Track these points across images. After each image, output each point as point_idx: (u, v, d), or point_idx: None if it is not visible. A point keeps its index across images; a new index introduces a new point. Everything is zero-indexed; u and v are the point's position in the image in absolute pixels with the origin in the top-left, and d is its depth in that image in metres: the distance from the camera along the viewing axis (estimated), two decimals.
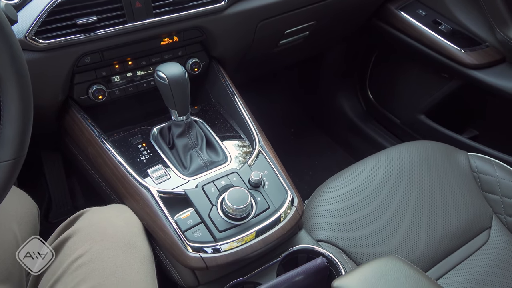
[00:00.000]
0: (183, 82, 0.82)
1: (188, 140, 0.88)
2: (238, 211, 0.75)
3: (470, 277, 0.90)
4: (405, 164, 1.05)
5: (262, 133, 0.93)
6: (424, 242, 0.93)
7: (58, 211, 1.35)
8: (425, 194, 1.00)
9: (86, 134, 0.87)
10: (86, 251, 0.68)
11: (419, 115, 1.45)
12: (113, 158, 0.83)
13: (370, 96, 1.67)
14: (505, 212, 1.02)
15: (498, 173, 1.06)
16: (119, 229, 0.73)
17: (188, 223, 0.75)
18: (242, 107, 0.97)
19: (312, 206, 0.97)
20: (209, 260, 0.73)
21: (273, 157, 0.89)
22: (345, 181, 1.00)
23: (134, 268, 0.69)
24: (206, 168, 0.85)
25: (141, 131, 0.94)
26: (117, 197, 0.86)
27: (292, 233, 0.86)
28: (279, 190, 0.83)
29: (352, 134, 1.72)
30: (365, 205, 0.95)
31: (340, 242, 0.90)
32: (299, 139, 1.82)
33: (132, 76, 0.94)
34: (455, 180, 1.05)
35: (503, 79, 1.22)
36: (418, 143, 1.14)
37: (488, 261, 0.94)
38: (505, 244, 0.98)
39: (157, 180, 0.82)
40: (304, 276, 0.75)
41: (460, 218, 0.99)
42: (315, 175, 1.66)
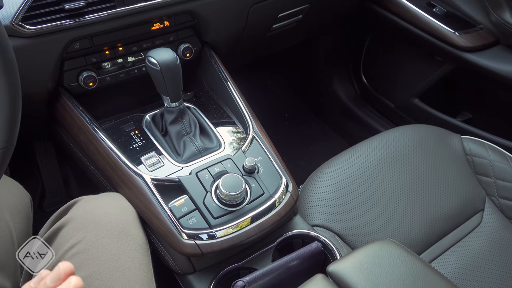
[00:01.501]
0: (175, 67, 0.81)
1: (181, 127, 0.87)
2: (233, 197, 0.75)
3: (464, 258, 0.91)
4: (399, 148, 1.05)
5: (256, 119, 0.92)
6: (418, 225, 0.93)
7: (52, 200, 1.34)
8: (419, 177, 1.00)
9: (77, 122, 0.86)
10: (80, 240, 0.68)
11: (413, 99, 1.45)
12: (105, 145, 0.82)
13: (364, 80, 1.66)
14: (498, 194, 1.03)
15: (492, 155, 1.06)
16: (113, 217, 0.72)
17: (183, 210, 0.75)
18: (236, 93, 0.96)
19: (306, 191, 0.97)
20: (204, 247, 0.73)
21: (267, 142, 0.88)
22: (340, 166, 1.00)
23: (129, 255, 0.69)
24: (200, 154, 0.85)
25: (133, 118, 0.93)
26: (111, 185, 0.86)
27: (287, 219, 0.86)
28: (274, 176, 0.83)
29: (347, 119, 1.71)
30: (360, 189, 0.95)
31: (334, 227, 0.90)
32: (294, 125, 1.82)
33: (123, 62, 0.92)
34: (449, 163, 1.05)
35: (496, 62, 1.21)
36: (412, 127, 1.14)
37: (481, 242, 0.95)
38: (498, 225, 0.99)
39: (151, 168, 0.81)
40: (299, 260, 0.76)
41: (453, 201, 0.99)
42: (309, 161, 1.66)
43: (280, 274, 0.73)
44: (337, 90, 1.74)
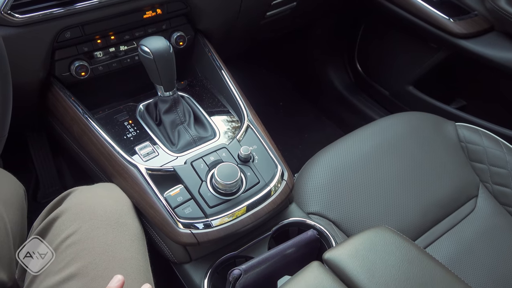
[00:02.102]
0: (168, 56, 0.80)
1: (176, 116, 0.87)
2: (228, 186, 0.75)
3: (457, 244, 0.92)
4: (394, 135, 1.05)
5: (250, 107, 0.92)
6: (413, 212, 0.94)
7: (47, 191, 1.33)
8: (413, 164, 1.01)
9: (70, 112, 0.85)
10: (75, 231, 0.67)
11: (408, 86, 1.45)
12: (99, 136, 0.81)
13: (359, 68, 1.66)
14: (492, 180, 1.04)
15: (485, 142, 1.07)
16: (108, 208, 0.72)
17: (178, 199, 0.74)
18: (230, 82, 0.95)
19: (302, 180, 0.97)
20: (200, 236, 0.73)
21: (262, 131, 0.88)
22: (335, 154, 1.00)
23: (125, 245, 0.69)
24: (195, 144, 0.84)
25: (127, 108, 0.92)
26: (105, 176, 0.85)
27: (283, 207, 0.86)
28: (269, 165, 0.83)
29: (341, 107, 1.71)
30: (355, 177, 0.95)
31: (330, 214, 0.90)
32: (288, 113, 1.81)
33: (116, 51, 0.91)
34: (443, 150, 1.06)
35: (491, 48, 1.21)
36: (406, 114, 1.14)
37: (474, 228, 0.96)
38: (491, 212, 1.00)
39: (145, 157, 0.81)
40: (295, 248, 0.76)
41: (448, 187, 1.00)
42: (304, 149, 1.66)
43: (276, 262, 0.74)
44: (331, 79, 1.73)
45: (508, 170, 1.02)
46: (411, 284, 0.54)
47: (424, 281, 0.55)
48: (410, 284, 0.54)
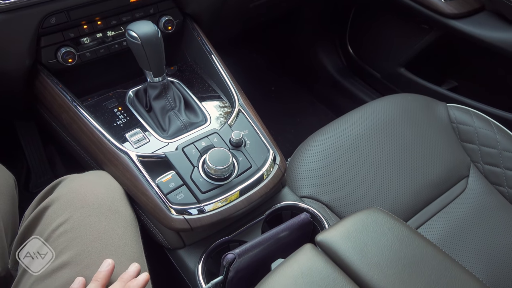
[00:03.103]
0: (157, 41, 0.79)
1: (166, 102, 0.86)
2: (220, 172, 0.74)
3: (449, 224, 0.93)
4: (386, 117, 1.05)
5: (241, 92, 0.91)
6: (405, 193, 0.94)
7: (38, 181, 1.32)
8: (405, 146, 1.01)
9: (58, 100, 0.83)
10: (67, 219, 0.67)
11: (399, 68, 1.44)
12: (88, 123, 0.80)
13: (351, 51, 1.65)
14: (482, 160, 1.05)
15: (476, 123, 1.07)
16: (100, 195, 0.72)
17: (170, 185, 0.74)
18: (220, 66, 0.94)
19: (294, 164, 0.97)
20: (194, 221, 0.73)
21: (254, 116, 0.87)
22: (327, 137, 1.00)
23: (118, 233, 0.69)
24: (186, 129, 0.84)
25: (116, 94, 0.90)
26: (96, 163, 0.84)
27: (276, 191, 0.86)
28: (261, 149, 0.82)
29: (333, 91, 1.71)
30: (347, 159, 0.96)
31: (323, 197, 0.91)
32: (280, 98, 1.80)
33: (103, 37, 0.89)
34: (435, 131, 1.06)
35: (482, 28, 1.21)
36: (398, 96, 1.14)
37: (465, 208, 0.97)
38: (482, 191, 1.01)
39: (136, 144, 0.80)
40: (288, 231, 0.76)
41: (439, 168, 1.01)
42: (297, 133, 1.66)
43: (269, 245, 0.74)
44: (323, 62, 1.72)
45: (499, 150, 1.03)
46: (403, 263, 0.54)
47: (415, 261, 0.55)
48: (401, 264, 0.55)
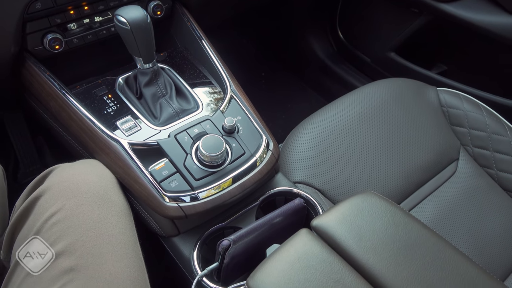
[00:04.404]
0: (146, 26, 0.77)
1: (157, 89, 0.84)
2: (214, 158, 0.74)
3: (440, 206, 0.95)
4: (376, 101, 1.06)
5: (233, 77, 0.90)
6: (396, 176, 0.95)
7: (27, 171, 1.30)
8: (396, 130, 1.02)
9: (46, 87, 0.82)
10: (60, 209, 0.66)
11: (389, 53, 1.44)
12: (78, 111, 0.79)
13: (341, 35, 1.64)
14: (472, 143, 1.06)
15: (466, 106, 1.08)
16: (92, 184, 0.71)
17: (163, 173, 0.73)
18: (211, 52, 0.93)
19: (287, 149, 0.97)
20: (188, 209, 0.72)
21: (246, 102, 0.87)
22: (318, 123, 1.00)
23: (112, 221, 0.68)
24: (178, 116, 0.83)
25: (105, 81, 0.89)
26: (87, 152, 0.83)
27: (269, 177, 0.86)
28: (254, 135, 0.82)
29: (324, 76, 1.70)
30: (339, 144, 0.96)
31: (316, 182, 0.91)
32: (271, 83, 1.80)
33: (90, 22, 0.87)
34: (425, 115, 1.07)
35: (471, 12, 1.21)
36: (388, 80, 1.14)
37: (456, 190, 0.98)
38: (472, 173, 1.02)
39: (127, 132, 0.79)
40: (283, 217, 0.76)
41: (430, 151, 1.01)
42: (288, 119, 1.65)
43: (264, 231, 0.74)
44: (313, 48, 1.71)
45: (488, 133, 1.04)
46: (398, 246, 0.55)
47: (410, 243, 0.56)
48: (396, 246, 0.55)
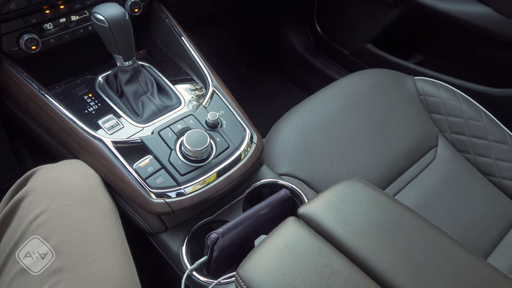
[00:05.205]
0: (124, 23, 0.77)
1: (138, 86, 0.84)
2: (198, 153, 0.74)
3: (421, 191, 0.97)
4: (356, 92, 1.07)
5: (214, 72, 0.90)
6: (379, 165, 0.97)
7: (6, 176, 1.27)
8: (376, 119, 1.04)
9: (23, 88, 0.80)
10: (44, 210, 0.65)
11: (367, 45, 1.46)
12: (58, 112, 0.78)
13: (318, 29, 1.66)
14: (450, 130, 1.09)
15: (443, 94, 1.11)
16: (76, 184, 0.70)
17: (148, 170, 0.73)
18: (191, 48, 0.93)
19: (270, 143, 0.98)
20: (174, 204, 0.72)
21: (228, 96, 0.87)
22: (300, 115, 1.01)
23: (98, 220, 0.68)
24: (160, 113, 0.82)
25: (85, 81, 0.88)
26: (69, 153, 0.82)
27: (254, 170, 0.87)
28: (237, 129, 0.83)
29: (304, 70, 1.72)
30: (321, 136, 0.97)
31: (300, 174, 0.92)
32: (251, 79, 1.80)
33: (67, 22, 0.86)
34: (404, 104, 1.09)
35: (446, 2, 1.23)
36: (366, 71, 1.16)
37: (436, 175, 1.01)
38: (450, 159, 1.05)
39: (110, 131, 0.79)
40: (269, 208, 0.77)
41: (409, 139, 1.04)
42: (269, 114, 1.66)
43: (252, 223, 0.75)
44: (292, 42, 1.73)
45: (464, 119, 1.07)
46: (383, 228, 0.56)
47: (394, 225, 0.57)
48: (381, 229, 0.57)
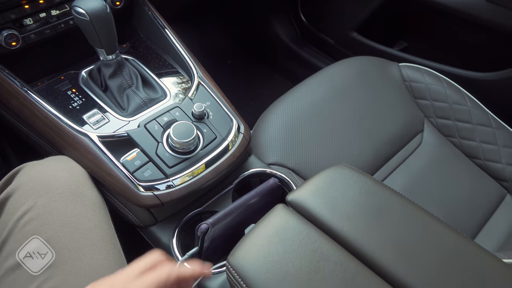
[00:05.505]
0: (106, 16, 0.75)
1: (122, 80, 0.83)
2: (186, 145, 0.74)
3: (409, 176, 0.98)
4: (342, 80, 1.08)
5: (199, 64, 0.90)
6: (366, 151, 0.98)
7: None
8: (363, 106, 1.04)
9: (5, 86, 0.79)
10: (32, 207, 0.65)
11: (352, 33, 1.47)
12: (42, 108, 0.77)
13: (303, 19, 1.65)
14: (435, 114, 1.10)
15: (427, 79, 1.12)
16: (63, 180, 0.69)
17: (136, 163, 0.73)
18: (175, 40, 0.92)
19: (258, 133, 0.98)
20: (163, 196, 0.72)
21: (214, 87, 0.87)
22: (287, 105, 1.01)
23: (86, 216, 0.67)
24: (146, 106, 0.82)
25: (68, 76, 0.87)
26: (55, 149, 0.81)
27: (242, 160, 0.87)
28: (224, 119, 0.82)
29: (290, 60, 1.71)
30: (308, 124, 0.98)
31: (288, 163, 0.92)
32: (238, 72, 1.79)
33: (47, 16, 0.85)
34: (389, 90, 1.10)
35: None
36: (352, 59, 1.16)
37: (422, 160, 1.02)
38: (436, 143, 1.06)
39: (95, 125, 0.78)
40: (258, 197, 0.77)
41: (396, 125, 1.05)
42: (257, 105, 1.66)
43: (241, 212, 0.75)
44: (278, 32, 1.72)
45: (449, 103, 1.09)
46: (370, 212, 0.57)
47: (381, 209, 0.58)
48: (369, 213, 0.57)
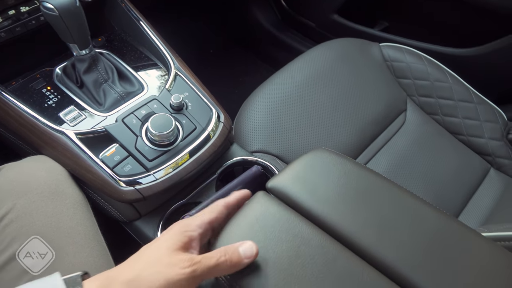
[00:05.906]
0: (76, 9, 0.74)
1: (97, 75, 0.82)
2: (165, 137, 0.73)
3: (394, 156, 0.98)
4: (324, 63, 1.07)
5: (176, 55, 0.88)
6: (350, 133, 0.98)
7: None
8: (345, 88, 1.04)
9: None
10: (10, 209, 0.64)
11: (332, 15, 1.46)
12: (16, 107, 0.75)
13: (283, 2, 1.64)
14: (417, 93, 1.10)
15: (408, 58, 1.12)
16: (42, 180, 0.68)
17: (115, 158, 0.72)
18: (150, 31, 0.91)
19: (241, 121, 0.97)
20: (145, 190, 0.72)
21: (192, 77, 0.86)
22: (269, 91, 1.00)
23: (68, 214, 0.67)
24: (123, 100, 0.81)
25: (42, 74, 0.85)
26: (32, 149, 0.80)
27: (224, 149, 0.87)
28: (204, 109, 0.82)
29: (272, 46, 1.70)
30: (291, 109, 0.97)
31: (272, 149, 0.92)
32: (220, 60, 1.78)
33: (17, 14, 0.82)
34: (371, 71, 1.10)
35: None
36: (332, 41, 1.15)
37: (407, 139, 1.02)
38: (420, 122, 1.07)
39: (72, 122, 0.77)
40: (242, 186, 0.77)
41: (379, 105, 1.05)
42: (241, 93, 1.65)
43: None
44: (258, 18, 1.70)
45: (431, 81, 1.09)
46: (350, 194, 0.57)
47: (362, 190, 0.58)
48: (349, 195, 0.57)
